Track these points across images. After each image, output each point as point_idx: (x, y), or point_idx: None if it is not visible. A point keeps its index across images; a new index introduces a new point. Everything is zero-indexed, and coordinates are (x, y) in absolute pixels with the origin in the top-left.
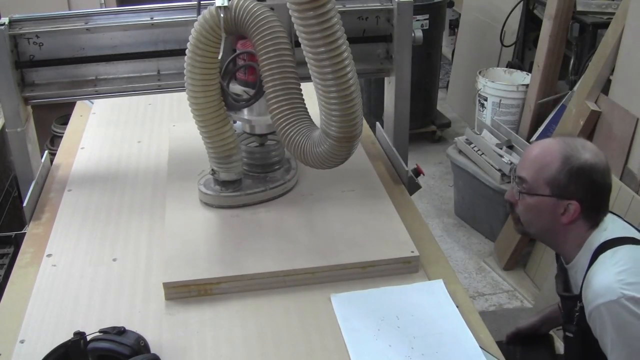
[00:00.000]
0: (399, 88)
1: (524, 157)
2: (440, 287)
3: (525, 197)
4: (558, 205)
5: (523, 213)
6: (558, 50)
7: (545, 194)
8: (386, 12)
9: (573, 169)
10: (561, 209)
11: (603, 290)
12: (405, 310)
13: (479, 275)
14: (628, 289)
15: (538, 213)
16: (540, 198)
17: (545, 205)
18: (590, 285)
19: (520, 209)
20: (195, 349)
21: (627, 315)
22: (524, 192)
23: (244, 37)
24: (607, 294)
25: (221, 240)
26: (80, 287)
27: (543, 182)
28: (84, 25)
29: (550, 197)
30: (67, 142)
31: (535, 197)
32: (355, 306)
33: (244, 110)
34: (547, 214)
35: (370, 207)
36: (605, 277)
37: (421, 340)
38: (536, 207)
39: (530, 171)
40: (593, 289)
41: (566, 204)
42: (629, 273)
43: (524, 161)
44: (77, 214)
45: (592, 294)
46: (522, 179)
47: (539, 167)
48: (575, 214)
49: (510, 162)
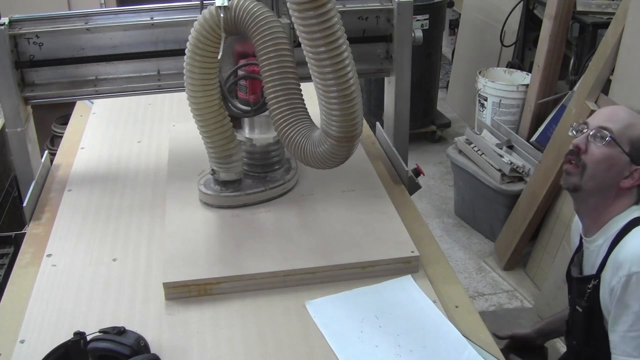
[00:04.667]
0: (399, 88)
1: (605, 111)
2: (410, 283)
3: (603, 147)
4: (627, 167)
5: (593, 162)
6: (558, 50)
7: (625, 151)
8: (386, 12)
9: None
10: (627, 172)
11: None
12: (383, 310)
13: (479, 275)
14: None
15: (609, 166)
16: (619, 152)
17: (618, 161)
18: (625, 252)
19: (590, 158)
20: (195, 349)
21: None
22: (610, 140)
23: (246, 54)
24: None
25: (221, 240)
26: (80, 287)
27: (627, 139)
28: (84, 25)
29: (626, 155)
30: (67, 142)
31: (616, 148)
32: (332, 310)
33: (245, 128)
34: (615, 171)
35: (370, 207)
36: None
37: (406, 336)
38: (610, 159)
39: (618, 125)
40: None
41: (634, 169)
42: None
43: (608, 114)
44: (77, 214)
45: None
46: (607, 128)
47: (627, 124)
48: (638, 181)
49: (510, 162)
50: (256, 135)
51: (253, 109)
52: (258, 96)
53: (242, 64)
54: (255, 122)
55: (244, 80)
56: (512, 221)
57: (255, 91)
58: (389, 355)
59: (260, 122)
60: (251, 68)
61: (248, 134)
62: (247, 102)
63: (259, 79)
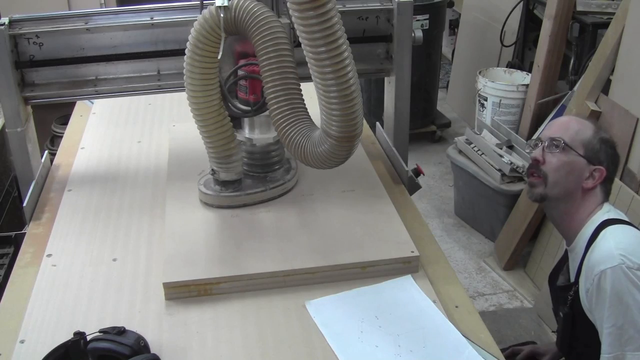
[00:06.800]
0: (399, 88)
1: (554, 124)
2: (410, 283)
3: (559, 155)
4: (585, 169)
5: (553, 170)
6: (558, 50)
7: (580, 154)
8: (386, 12)
9: (603, 138)
10: (587, 173)
11: (606, 257)
12: (383, 310)
13: (479, 275)
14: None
15: (568, 171)
16: (575, 156)
17: (576, 165)
18: (595, 255)
19: (549, 168)
20: (195, 349)
21: (627, 283)
22: (563, 147)
23: (246, 54)
24: (609, 260)
25: (221, 240)
26: (80, 287)
27: (579, 143)
28: (84, 25)
29: (582, 158)
30: (67, 142)
31: (570, 154)
32: (332, 310)
33: (245, 128)
34: (575, 174)
35: (370, 207)
36: (611, 244)
37: (406, 337)
38: (568, 165)
39: (568, 133)
40: (599, 256)
41: (593, 169)
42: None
43: (556, 126)
44: (77, 214)
45: (596, 261)
46: (557, 139)
47: (576, 130)
48: (598, 180)
49: (510, 162)
50: (256, 135)
51: (253, 109)
52: (258, 96)
53: (242, 64)
54: (255, 122)
55: (244, 80)
56: (512, 221)
57: (255, 91)
58: (389, 355)
59: (260, 122)
60: (251, 68)
61: (248, 134)
62: (247, 102)
63: (259, 79)
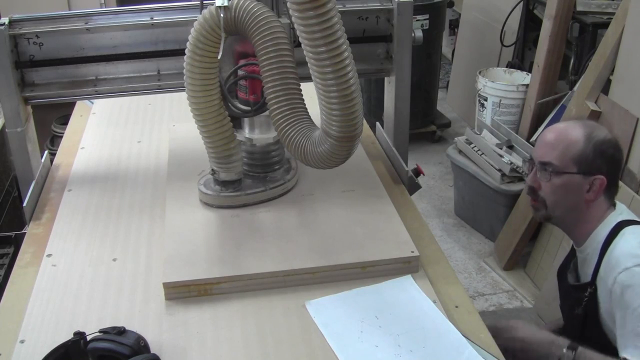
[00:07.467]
0: (399, 88)
1: (541, 144)
2: (410, 283)
3: (553, 179)
4: (584, 183)
5: (550, 195)
6: (558, 50)
7: (573, 172)
8: (386, 12)
9: (597, 143)
10: (587, 185)
11: (630, 255)
12: (383, 309)
13: (479, 275)
14: None
15: (565, 192)
16: (569, 176)
17: (573, 184)
18: (616, 254)
19: (546, 192)
20: (195, 349)
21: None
22: (554, 172)
23: (246, 54)
24: (634, 258)
25: (221, 240)
26: (80, 287)
27: (570, 161)
28: (84, 25)
29: (577, 175)
30: (67, 142)
31: (563, 176)
32: (332, 310)
33: (245, 128)
34: (574, 193)
35: (370, 207)
36: (633, 243)
37: (406, 337)
38: (564, 187)
39: (555, 153)
40: (621, 255)
41: (592, 180)
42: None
43: (544, 147)
44: (77, 214)
45: (618, 260)
46: (547, 163)
47: (564, 148)
48: (600, 189)
49: (510, 162)
50: (256, 135)
51: (253, 109)
52: (258, 96)
53: (242, 64)
54: (255, 122)
55: (244, 80)
56: (512, 221)
57: (255, 91)
58: (389, 355)
59: (260, 122)
60: (251, 68)
61: (248, 134)
62: (247, 102)
63: (259, 79)
